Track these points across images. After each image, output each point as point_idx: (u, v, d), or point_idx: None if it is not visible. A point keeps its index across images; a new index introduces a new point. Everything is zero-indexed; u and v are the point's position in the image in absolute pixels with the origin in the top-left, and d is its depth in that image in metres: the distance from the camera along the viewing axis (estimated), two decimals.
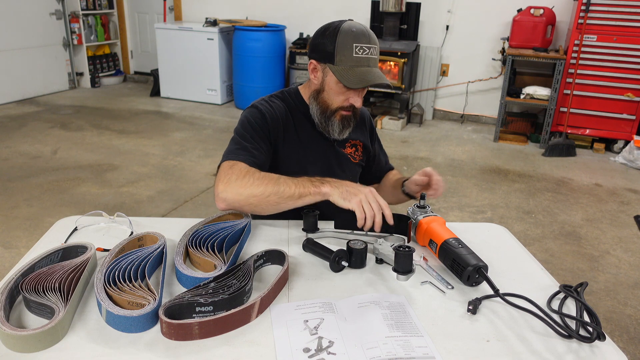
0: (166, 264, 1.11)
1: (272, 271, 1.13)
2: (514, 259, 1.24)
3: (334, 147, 1.50)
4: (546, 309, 1.01)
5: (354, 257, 1.15)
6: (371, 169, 1.67)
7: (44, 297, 0.93)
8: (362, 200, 1.13)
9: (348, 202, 1.14)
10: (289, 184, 1.19)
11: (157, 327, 0.91)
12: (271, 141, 1.38)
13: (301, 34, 5.55)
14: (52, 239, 1.23)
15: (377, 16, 4.98)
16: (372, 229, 1.28)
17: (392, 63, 4.81)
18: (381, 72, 1.33)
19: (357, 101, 1.36)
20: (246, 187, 1.20)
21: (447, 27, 5.11)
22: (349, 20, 1.34)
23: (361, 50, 1.28)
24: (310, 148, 1.46)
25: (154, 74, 6.01)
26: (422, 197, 1.33)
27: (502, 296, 1.02)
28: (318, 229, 1.30)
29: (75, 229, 1.30)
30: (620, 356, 0.89)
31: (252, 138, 1.34)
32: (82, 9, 6.04)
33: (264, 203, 1.20)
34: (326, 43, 1.31)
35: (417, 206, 1.31)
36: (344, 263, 1.13)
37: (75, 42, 6.11)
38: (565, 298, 1.05)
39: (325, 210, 1.29)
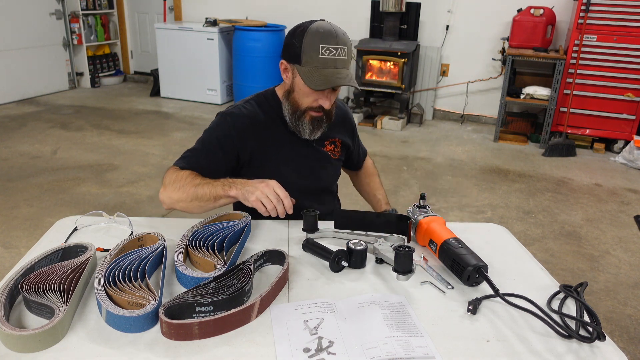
0: (166, 264, 1.11)
1: (272, 271, 1.13)
2: (514, 259, 1.24)
3: (313, 146, 1.49)
4: (546, 309, 1.01)
5: (354, 257, 1.15)
6: (348, 161, 1.70)
7: (44, 297, 0.93)
8: (259, 196, 1.20)
9: (248, 201, 1.22)
10: (204, 189, 1.27)
11: (157, 327, 0.91)
12: (234, 149, 1.39)
13: None
14: (52, 239, 1.23)
15: (377, 16, 4.98)
16: (371, 230, 1.28)
17: (392, 63, 4.81)
18: (350, 74, 1.32)
19: (325, 102, 1.35)
20: (174, 191, 1.29)
21: (447, 27, 5.11)
22: (320, 20, 1.33)
23: (327, 52, 1.27)
24: (284, 148, 1.45)
25: (154, 74, 6.01)
26: (422, 197, 1.33)
27: (502, 296, 1.02)
28: (318, 229, 1.30)
29: (75, 229, 1.30)
30: (620, 356, 0.89)
31: (210, 145, 1.39)
32: (82, 9, 6.04)
33: (191, 207, 1.30)
34: (295, 43, 1.30)
35: (417, 206, 1.31)
36: (344, 263, 1.13)
37: (75, 42, 6.11)
38: (565, 298, 1.05)
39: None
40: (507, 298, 1.02)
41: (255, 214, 1.28)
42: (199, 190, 1.27)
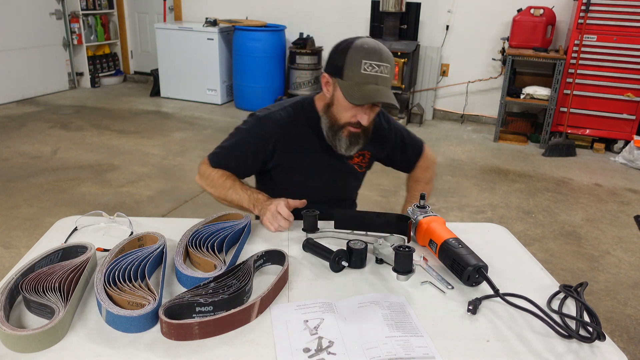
0: (166, 264, 1.11)
1: (272, 271, 1.13)
2: (514, 259, 1.24)
3: (342, 160, 1.49)
4: (546, 309, 1.01)
5: (354, 257, 1.15)
6: (395, 166, 1.68)
7: (44, 297, 0.93)
8: (268, 218, 1.31)
9: (262, 222, 1.35)
10: (233, 196, 1.40)
11: (157, 327, 0.91)
12: (264, 154, 1.44)
13: (301, 34, 5.55)
14: (52, 239, 1.23)
15: (377, 16, 4.98)
16: (371, 230, 1.28)
17: None
18: (390, 92, 1.30)
19: (363, 118, 1.34)
20: (208, 186, 1.45)
21: (447, 27, 5.11)
22: (366, 37, 1.33)
23: (370, 67, 1.26)
24: (313, 160, 1.47)
25: (154, 74, 6.01)
26: (422, 197, 1.33)
27: (502, 296, 1.02)
28: (318, 229, 1.30)
29: (75, 229, 1.30)
30: (620, 356, 0.89)
31: (240, 147, 1.44)
32: (82, 9, 6.04)
33: (219, 201, 1.46)
34: (337, 57, 1.30)
35: (417, 206, 1.31)
36: (344, 263, 1.13)
37: (75, 42, 6.10)
38: (565, 298, 1.05)
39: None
40: (507, 298, 1.02)
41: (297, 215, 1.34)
42: (229, 195, 1.41)
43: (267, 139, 1.42)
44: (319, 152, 1.45)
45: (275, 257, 1.15)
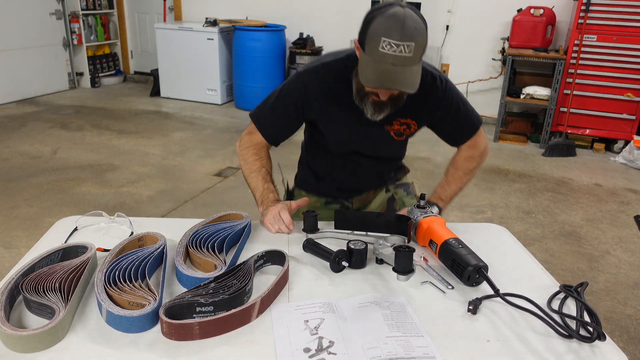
0: (166, 264, 1.11)
1: (272, 271, 1.13)
2: (514, 259, 1.24)
3: (377, 124, 1.40)
4: (546, 309, 1.01)
5: (354, 257, 1.15)
6: (442, 133, 1.55)
7: (44, 297, 0.93)
8: (269, 219, 1.33)
9: (262, 223, 1.36)
10: (251, 182, 1.44)
11: (158, 327, 0.91)
12: (304, 111, 1.43)
13: (301, 34, 5.55)
14: (52, 239, 1.23)
15: None
16: (371, 230, 1.28)
17: None
18: (409, 74, 1.18)
19: (381, 94, 1.27)
20: (240, 159, 1.49)
21: (447, 27, 5.11)
22: (398, 6, 1.17)
23: (388, 47, 1.14)
24: (350, 117, 1.41)
25: (154, 74, 6.01)
26: (422, 197, 1.33)
27: (502, 296, 1.02)
28: (318, 229, 1.30)
29: (76, 229, 1.30)
30: (621, 356, 0.89)
31: (282, 105, 1.44)
32: (82, 9, 6.04)
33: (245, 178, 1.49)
34: (363, 27, 1.20)
35: (417, 206, 1.31)
36: (344, 263, 1.13)
37: (75, 42, 6.10)
38: (565, 298, 1.05)
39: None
40: (507, 298, 1.02)
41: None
42: (250, 179, 1.44)
43: (305, 93, 1.39)
44: (355, 113, 1.37)
45: (276, 257, 1.15)
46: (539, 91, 4.57)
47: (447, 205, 1.55)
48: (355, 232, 1.29)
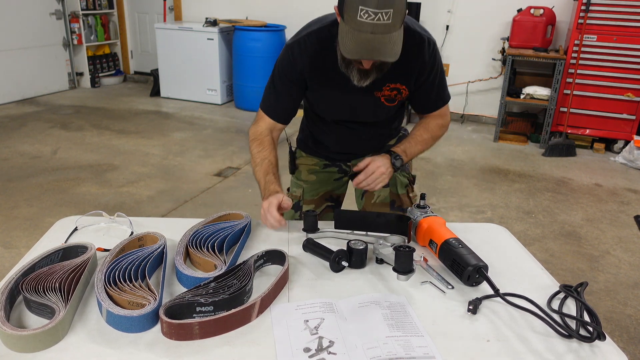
0: (166, 264, 1.11)
1: (272, 271, 1.13)
2: (514, 259, 1.24)
3: (366, 91, 1.38)
4: (546, 309, 1.01)
5: (354, 257, 1.15)
6: (416, 98, 1.52)
7: (44, 297, 0.93)
8: (262, 215, 1.33)
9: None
10: (257, 174, 1.44)
11: (158, 327, 0.91)
12: (300, 82, 1.44)
13: None
14: (52, 239, 1.23)
15: None
16: (371, 230, 1.28)
17: None
18: (389, 41, 1.14)
19: (364, 62, 1.25)
20: (250, 148, 1.50)
21: (447, 27, 5.11)
22: None
23: (365, 15, 1.10)
24: (336, 86, 1.40)
25: (154, 74, 6.01)
26: (422, 197, 1.33)
27: (502, 296, 1.02)
28: (318, 229, 1.30)
29: (76, 229, 1.30)
30: (621, 356, 0.89)
31: (280, 82, 1.45)
32: (82, 9, 6.04)
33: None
34: None
35: (417, 206, 1.31)
36: (344, 263, 1.13)
37: (75, 42, 6.10)
38: (565, 298, 1.05)
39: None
40: (507, 298, 1.02)
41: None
42: (254, 173, 1.46)
43: (294, 65, 1.40)
44: (343, 78, 1.34)
45: (276, 257, 1.15)
46: (539, 91, 4.57)
47: (406, 161, 1.53)
48: (355, 232, 1.29)
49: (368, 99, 1.44)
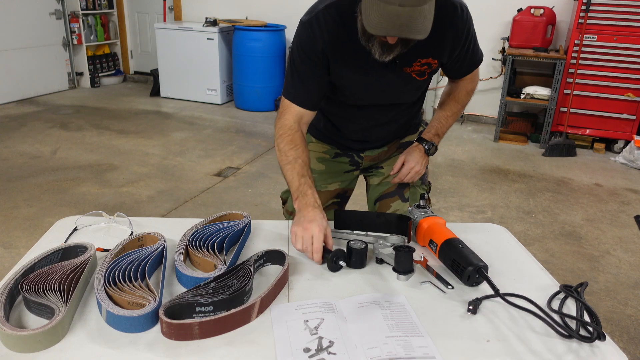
0: (166, 264, 1.11)
1: (272, 271, 1.13)
2: (514, 259, 1.24)
3: (394, 68, 1.28)
4: (546, 309, 1.01)
5: (354, 257, 1.15)
6: (444, 69, 1.45)
7: (44, 297, 0.93)
8: (296, 231, 1.18)
9: (291, 229, 1.21)
10: (287, 174, 1.30)
11: (157, 327, 0.91)
12: (323, 61, 1.30)
13: None
14: (52, 239, 1.23)
15: None
16: (371, 230, 1.28)
17: None
18: (419, 15, 1.01)
19: (389, 39, 1.13)
20: (276, 150, 1.35)
21: None
22: None
23: None
24: (361, 63, 1.28)
25: (154, 74, 6.01)
26: (422, 197, 1.33)
27: (502, 296, 1.02)
28: None
29: (75, 229, 1.29)
30: (621, 356, 0.89)
31: (302, 65, 1.31)
32: (82, 9, 6.04)
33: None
34: None
35: (417, 206, 1.31)
36: (342, 263, 1.13)
37: (75, 42, 6.10)
38: (565, 298, 1.05)
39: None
40: (507, 298, 1.02)
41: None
42: (283, 170, 1.32)
43: (317, 42, 1.26)
44: (367, 57, 1.22)
45: (276, 257, 1.15)
46: (539, 91, 4.57)
47: (439, 141, 1.52)
48: (355, 232, 1.29)
49: (397, 77, 1.32)
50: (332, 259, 1.12)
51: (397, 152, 1.60)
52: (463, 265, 1.07)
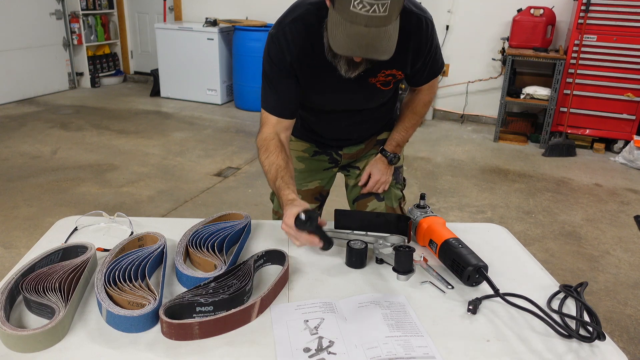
0: (166, 264, 1.11)
1: (272, 271, 1.13)
2: (514, 259, 1.24)
3: (359, 80, 1.29)
4: (546, 309, 1.01)
5: (354, 257, 1.15)
6: (410, 75, 1.46)
7: (44, 297, 0.93)
8: (284, 227, 1.17)
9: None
10: (275, 186, 1.30)
11: (158, 327, 0.91)
12: (292, 72, 1.34)
13: None
14: (52, 239, 1.23)
15: None
16: (371, 230, 1.28)
17: None
18: (383, 36, 1.04)
19: (355, 57, 1.16)
20: (260, 160, 1.37)
21: (447, 27, 5.11)
22: None
23: (360, 5, 1.00)
24: (326, 77, 1.31)
25: (154, 74, 6.01)
26: (422, 197, 1.33)
27: (502, 296, 1.02)
28: None
29: (76, 229, 1.30)
30: (620, 356, 0.89)
31: (274, 76, 1.37)
32: (82, 9, 6.04)
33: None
34: None
35: (417, 206, 1.31)
36: (302, 216, 1.09)
37: (75, 42, 6.11)
38: (565, 298, 1.05)
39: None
40: (507, 298, 1.02)
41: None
42: (268, 181, 1.33)
43: (285, 56, 1.30)
44: (331, 70, 1.25)
45: (276, 257, 1.15)
46: (539, 91, 4.57)
47: (401, 150, 1.59)
48: (355, 231, 1.29)
49: (363, 88, 1.36)
50: (298, 217, 1.09)
51: (374, 149, 1.65)
52: (463, 265, 1.07)
